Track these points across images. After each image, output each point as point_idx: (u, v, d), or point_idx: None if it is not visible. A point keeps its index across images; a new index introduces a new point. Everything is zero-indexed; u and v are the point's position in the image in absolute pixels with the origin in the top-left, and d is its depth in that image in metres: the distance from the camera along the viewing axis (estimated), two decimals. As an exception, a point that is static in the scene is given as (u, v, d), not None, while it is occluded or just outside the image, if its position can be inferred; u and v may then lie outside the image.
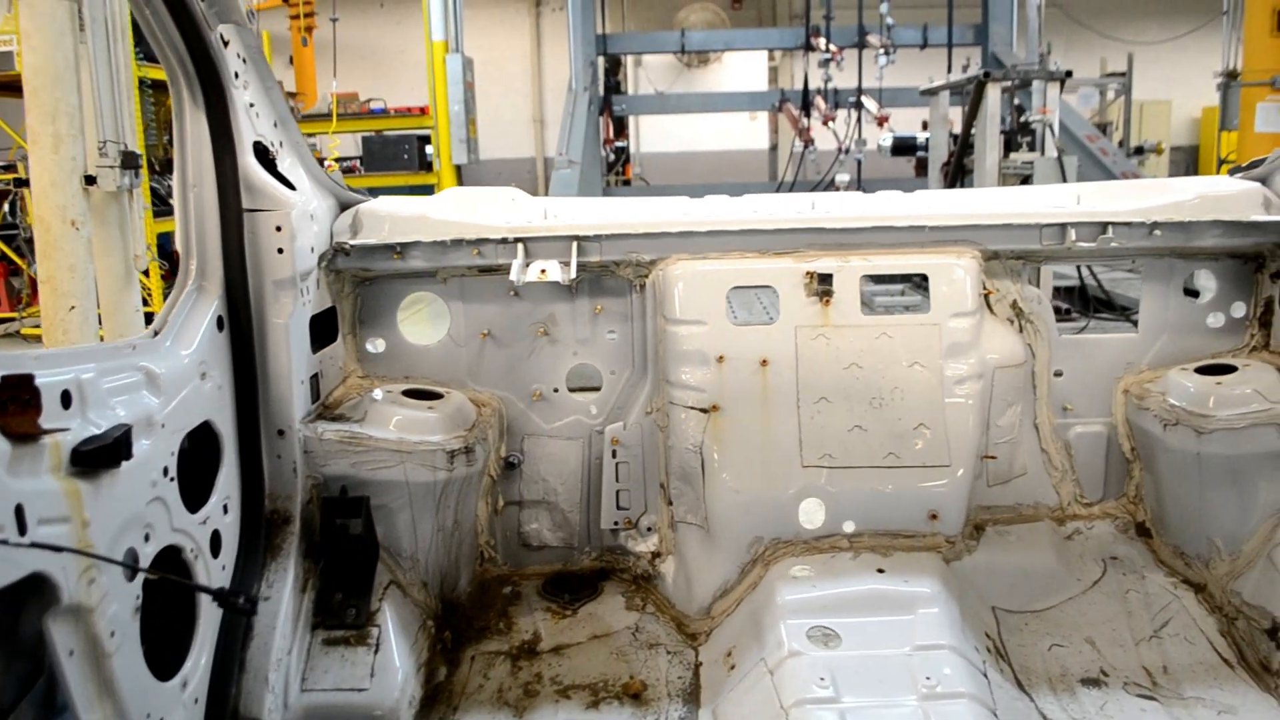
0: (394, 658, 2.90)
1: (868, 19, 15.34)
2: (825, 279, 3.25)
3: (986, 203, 3.43)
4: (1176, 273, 3.52)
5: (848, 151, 14.97)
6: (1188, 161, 24.54)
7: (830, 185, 14.02)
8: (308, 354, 3.07)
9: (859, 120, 15.06)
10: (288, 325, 2.91)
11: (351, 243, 3.26)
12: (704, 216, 3.36)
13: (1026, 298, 3.48)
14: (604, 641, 3.23)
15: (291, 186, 2.99)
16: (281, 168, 3.01)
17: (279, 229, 2.89)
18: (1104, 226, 3.32)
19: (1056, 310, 8.99)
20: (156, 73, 10.75)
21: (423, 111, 16.21)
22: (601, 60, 16.16)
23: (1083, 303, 9.50)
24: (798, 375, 3.24)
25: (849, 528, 3.24)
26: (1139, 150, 18.90)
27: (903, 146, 12.09)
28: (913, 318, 3.31)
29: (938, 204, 3.41)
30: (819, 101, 15.66)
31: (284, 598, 2.80)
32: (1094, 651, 3.10)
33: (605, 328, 3.51)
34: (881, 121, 14.67)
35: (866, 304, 3.27)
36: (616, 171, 18.88)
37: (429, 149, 15.96)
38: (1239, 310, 3.52)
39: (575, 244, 3.30)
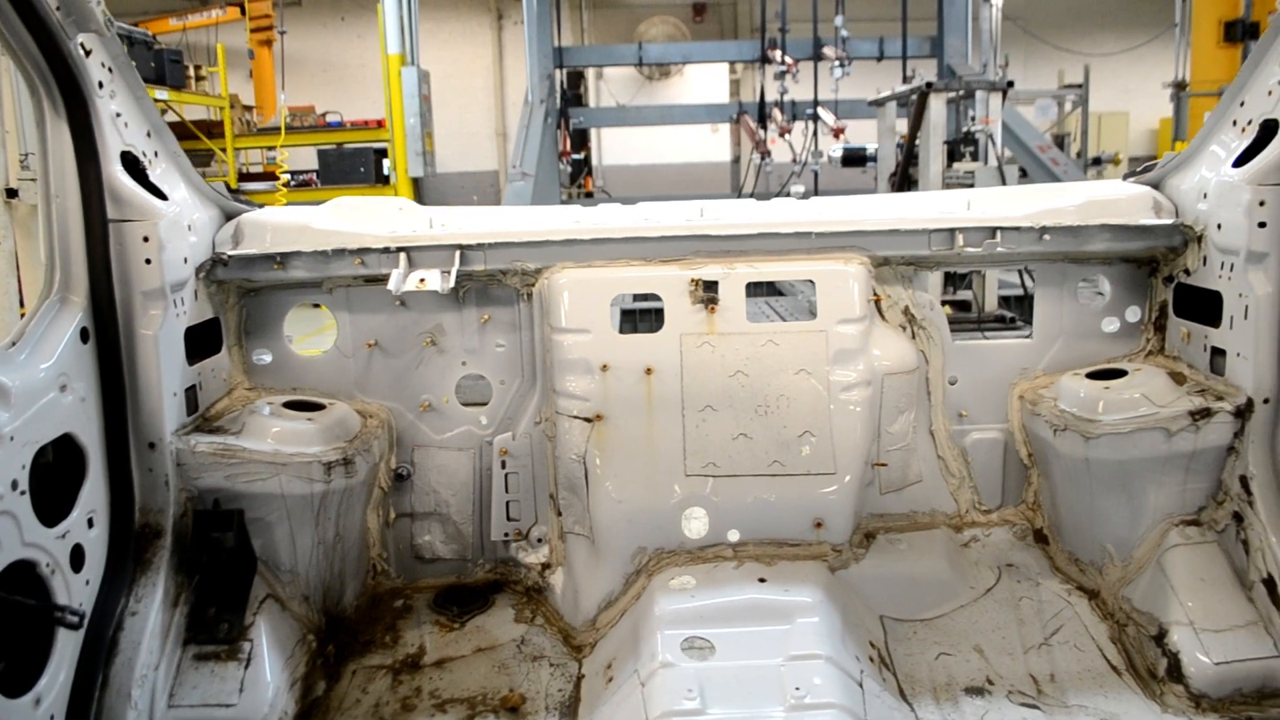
0: (265, 672, 2.84)
1: (824, 32, 15.44)
2: (711, 286, 3.23)
3: (875, 209, 3.42)
4: (1070, 277, 3.51)
5: (804, 164, 15.02)
6: (1146, 172, 24.76)
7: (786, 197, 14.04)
8: (182, 366, 3.01)
9: (815, 132, 15.12)
10: (157, 337, 2.86)
11: (230, 253, 3.22)
12: (590, 224, 3.34)
13: (919, 304, 3.47)
14: (488, 654, 3.19)
15: (164, 197, 2.95)
16: (154, 177, 2.96)
17: (146, 239, 2.84)
18: (992, 232, 3.32)
19: (1001, 319, 9.07)
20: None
21: (379, 125, 16.18)
22: (560, 73, 16.17)
23: (1030, 311, 9.49)
24: (682, 383, 3.21)
25: (733, 537, 3.21)
26: (1097, 161, 19.12)
27: (852, 158, 12.17)
28: (799, 324, 3.29)
29: (826, 211, 3.40)
30: (776, 113, 15.71)
31: (152, 612, 2.74)
32: (982, 660, 3.08)
33: (493, 337, 3.48)
34: (838, 133, 14.70)
35: (811, 312, 3.24)
36: (577, 184, 18.87)
37: (386, 162, 15.92)
38: (1134, 315, 3.52)
39: (458, 253, 3.27)
